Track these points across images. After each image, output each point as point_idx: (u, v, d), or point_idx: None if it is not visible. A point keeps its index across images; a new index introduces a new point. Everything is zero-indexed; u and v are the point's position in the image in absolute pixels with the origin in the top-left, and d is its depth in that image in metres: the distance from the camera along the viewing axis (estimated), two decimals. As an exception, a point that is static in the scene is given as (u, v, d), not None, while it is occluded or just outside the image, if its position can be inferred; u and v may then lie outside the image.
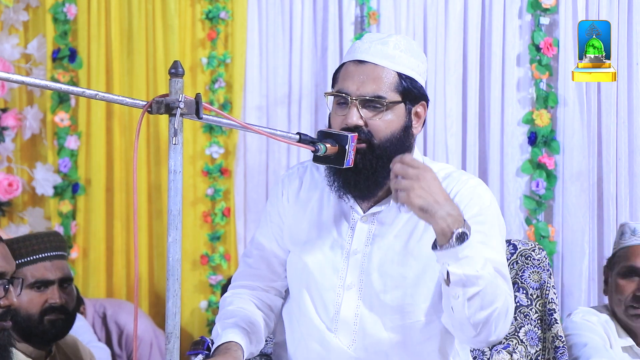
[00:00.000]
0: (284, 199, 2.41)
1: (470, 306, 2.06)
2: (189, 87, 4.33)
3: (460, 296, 2.05)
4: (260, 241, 2.44)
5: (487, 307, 2.08)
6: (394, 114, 2.24)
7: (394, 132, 2.24)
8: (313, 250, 2.32)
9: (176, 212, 1.83)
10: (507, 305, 2.13)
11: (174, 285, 1.84)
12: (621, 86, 4.09)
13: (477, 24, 4.22)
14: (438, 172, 2.30)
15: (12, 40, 4.46)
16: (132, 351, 4.02)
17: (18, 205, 4.50)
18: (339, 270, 2.29)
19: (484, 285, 2.05)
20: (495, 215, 2.28)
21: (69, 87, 1.84)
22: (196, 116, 1.87)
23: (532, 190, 4.16)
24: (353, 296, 2.27)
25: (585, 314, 3.02)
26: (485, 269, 2.06)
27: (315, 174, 2.41)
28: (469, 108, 4.21)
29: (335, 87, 2.28)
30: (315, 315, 2.30)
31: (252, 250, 2.46)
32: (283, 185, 2.43)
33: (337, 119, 2.25)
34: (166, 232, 1.97)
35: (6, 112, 4.43)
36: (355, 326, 2.27)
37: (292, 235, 2.38)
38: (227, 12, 4.37)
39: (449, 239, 2.01)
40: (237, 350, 2.23)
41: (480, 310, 2.07)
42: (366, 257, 2.27)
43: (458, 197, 2.25)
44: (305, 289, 2.32)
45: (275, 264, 2.43)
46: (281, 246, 2.42)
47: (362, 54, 2.26)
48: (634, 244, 3.02)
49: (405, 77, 2.25)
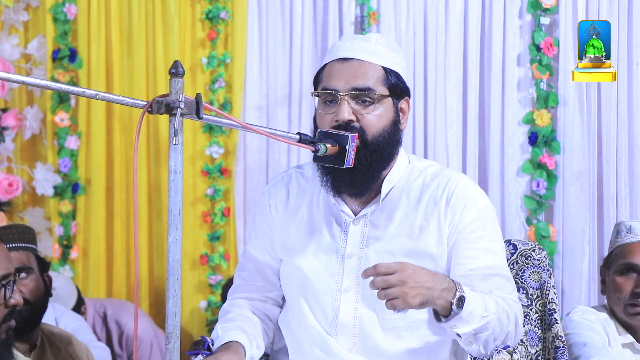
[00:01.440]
0: (272, 209, 2.41)
1: (485, 345, 2.15)
2: (189, 87, 4.33)
3: (474, 343, 2.13)
4: (252, 254, 2.44)
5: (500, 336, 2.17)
6: (383, 108, 2.24)
7: (385, 126, 2.24)
8: (307, 257, 2.31)
9: (176, 212, 1.83)
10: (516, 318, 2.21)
11: (174, 285, 1.84)
12: (621, 86, 4.08)
13: (477, 24, 4.22)
14: (425, 170, 2.32)
15: (12, 40, 4.46)
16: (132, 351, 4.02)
17: (18, 205, 4.50)
18: (335, 274, 2.28)
19: (493, 324, 2.13)
20: (491, 217, 2.29)
21: (69, 87, 1.84)
22: (196, 116, 1.87)
23: (532, 190, 4.15)
24: (351, 299, 2.27)
25: (584, 313, 3.01)
26: (489, 309, 2.12)
27: (302, 181, 2.40)
28: (469, 108, 4.21)
29: (320, 86, 2.27)
30: (314, 321, 2.30)
31: (246, 264, 2.45)
32: (269, 195, 2.42)
33: (326, 118, 2.23)
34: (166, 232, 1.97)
35: (6, 112, 4.42)
36: (354, 329, 2.26)
37: (285, 244, 2.37)
38: (227, 12, 4.37)
39: (450, 309, 2.07)
40: (239, 348, 2.23)
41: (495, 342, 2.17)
42: (362, 259, 2.26)
43: (453, 199, 2.25)
44: (302, 296, 2.32)
45: (270, 274, 2.42)
46: (273, 257, 2.41)
47: (345, 52, 2.26)
48: (630, 241, 3.01)
49: (390, 71, 2.26)
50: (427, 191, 2.28)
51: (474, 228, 2.21)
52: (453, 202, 2.23)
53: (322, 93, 2.25)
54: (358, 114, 2.22)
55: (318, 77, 2.30)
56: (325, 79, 2.26)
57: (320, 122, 2.25)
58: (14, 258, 2.82)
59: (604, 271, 3.11)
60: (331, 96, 2.23)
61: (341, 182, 2.24)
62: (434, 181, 2.28)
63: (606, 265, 3.10)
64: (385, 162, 2.26)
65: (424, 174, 2.31)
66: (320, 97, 2.26)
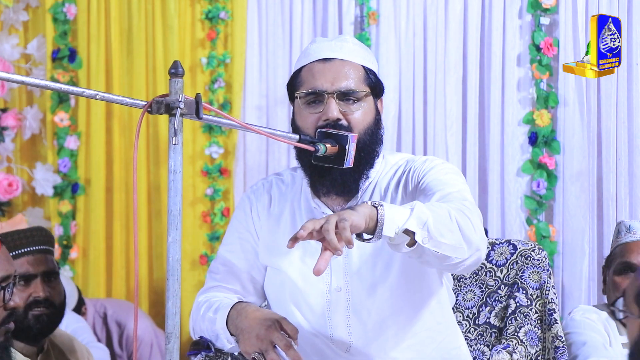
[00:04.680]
0: (254, 214, 2.39)
1: (440, 234, 1.96)
2: (188, 87, 4.33)
3: (426, 236, 1.95)
4: (227, 257, 2.40)
5: (448, 227, 1.98)
6: (367, 106, 2.26)
7: (369, 124, 2.26)
8: (293, 261, 2.30)
9: (176, 212, 1.83)
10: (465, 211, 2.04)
11: (173, 285, 1.84)
12: (621, 86, 4.09)
13: (477, 24, 4.22)
14: (397, 162, 2.32)
15: (12, 40, 4.46)
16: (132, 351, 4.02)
17: (18, 205, 4.50)
18: (323, 275, 2.25)
19: (426, 214, 1.95)
20: (449, 166, 2.28)
21: (68, 87, 1.84)
22: (196, 116, 1.87)
23: (532, 191, 4.16)
24: (342, 298, 2.26)
25: (586, 312, 3.01)
26: (413, 204, 1.97)
27: (282, 187, 2.39)
28: (469, 108, 4.21)
29: (302, 88, 2.28)
30: (307, 326, 2.29)
31: (219, 267, 2.41)
32: (250, 201, 2.41)
33: (311, 118, 2.24)
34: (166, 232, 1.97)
35: (6, 112, 4.43)
36: (349, 327, 2.26)
37: (270, 251, 2.35)
38: (227, 12, 4.37)
39: (375, 217, 1.91)
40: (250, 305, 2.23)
41: (449, 230, 1.98)
42: (347, 257, 2.26)
43: (411, 170, 2.26)
44: (292, 304, 2.30)
45: (245, 279, 2.38)
46: (251, 262, 2.38)
47: (325, 53, 2.28)
48: (629, 240, 3.01)
49: (369, 70, 2.29)
50: (394, 178, 2.31)
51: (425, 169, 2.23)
52: (412, 171, 2.27)
53: (307, 94, 2.25)
54: (344, 113, 2.23)
55: (295, 81, 2.31)
56: (307, 81, 2.27)
57: (304, 123, 2.25)
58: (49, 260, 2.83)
59: (605, 271, 3.11)
60: (317, 96, 2.24)
61: (333, 182, 2.24)
62: (406, 166, 2.31)
63: (607, 265, 3.10)
64: (372, 160, 2.28)
65: (395, 166, 2.33)
66: (303, 98, 2.27)
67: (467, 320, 2.64)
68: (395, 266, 2.25)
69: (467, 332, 2.60)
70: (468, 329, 2.62)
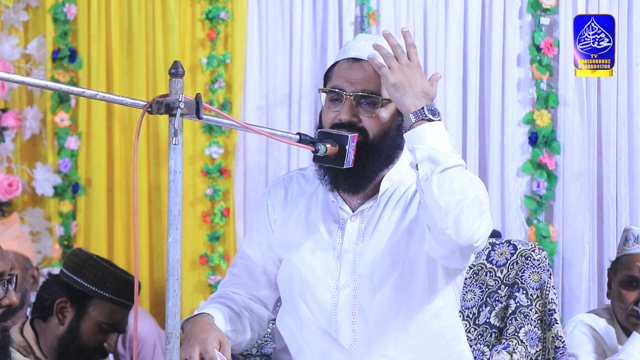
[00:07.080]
0: (270, 208, 2.43)
1: (440, 186, 2.05)
2: (188, 87, 4.32)
3: (429, 175, 2.06)
4: (245, 251, 2.46)
5: (457, 192, 2.06)
6: (387, 111, 2.25)
7: (387, 129, 2.25)
8: (304, 254, 2.32)
9: (176, 212, 1.83)
10: (479, 199, 2.10)
11: (174, 286, 1.84)
12: (621, 86, 4.08)
13: (477, 24, 4.22)
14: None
15: (12, 40, 4.46)
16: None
17: (18, 206, 4.50)
18: (332, 271, 2.29)
19: (452, 164, 2.08)
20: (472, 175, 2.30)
21: (69, 87, 1.85)
22: (196, 116, 1.87)
23: (532, 191, 4.15)
24: (349, 295, 2.27)
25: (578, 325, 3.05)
26: (454, 156, 2.10)
27: (302, 182, 2.42)
28: (469, 108, 4.21)
29: (329, 84, 2.29)
30: (313, 320, 2.30)
31: (238, 260, 2.48)
32: (269, 195, 2.45)
33: (330, 115, 2.25)
34: (166, 232, 1.97)
35: (6, 112, 4.42)
36: (353, 325, 2.27)
37: (284, 243, 2.38)
38: (227, 12, 4.37)
39: (420, 111, 2.12)
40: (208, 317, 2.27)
41: (450, 194, 2.06)
42: (357, 255, 2.27)
43: None
44: (299, 297, 2.32)
45: (258, 272, 2.44)
46: (266, 256, 2.43)
47: (356, 52, 2.27)
48: (637, 252, 3.04)
49: None
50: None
51: None
52: None
53: (329, 91, 2.27)
54: (362, 116, 2.23)
55: (328, 74, 2.32)
56: (334, 77, 2.29)
57: (325, 118, 2.28)
58: None
59: (610, 275, 3.13)
60: (337, 95, 2.25)
61: (338, 179, 2.26)
62: None
63: (613, 270, 3.12)
64: (383, 164, 2.28)
65: None
66: (327, 94, 2.28)
67: (467, 320, 2.64)
68: (401, 266, 2.26)
69: (467, 332, 2.60)
70: (468, 329, 2.62)
